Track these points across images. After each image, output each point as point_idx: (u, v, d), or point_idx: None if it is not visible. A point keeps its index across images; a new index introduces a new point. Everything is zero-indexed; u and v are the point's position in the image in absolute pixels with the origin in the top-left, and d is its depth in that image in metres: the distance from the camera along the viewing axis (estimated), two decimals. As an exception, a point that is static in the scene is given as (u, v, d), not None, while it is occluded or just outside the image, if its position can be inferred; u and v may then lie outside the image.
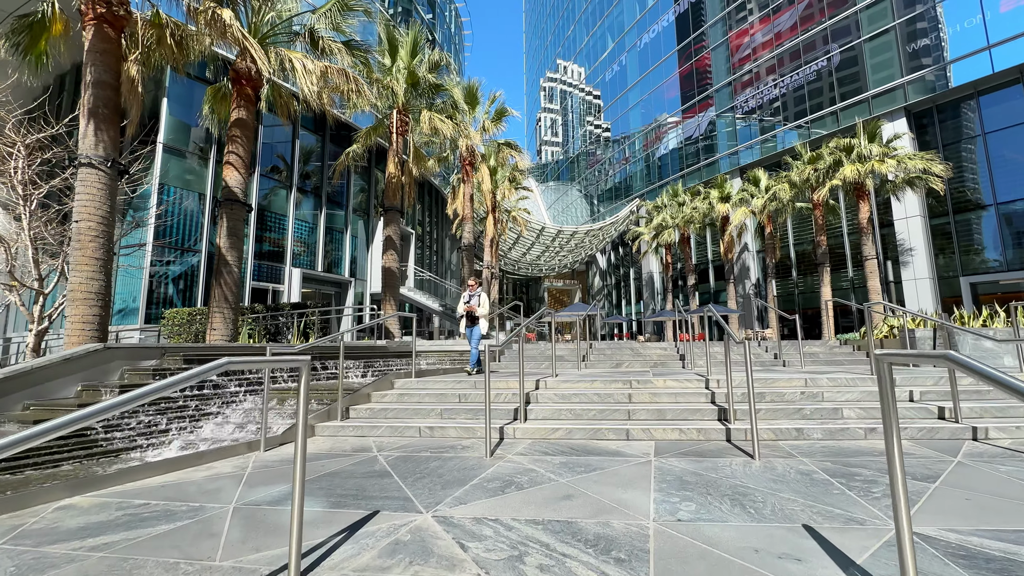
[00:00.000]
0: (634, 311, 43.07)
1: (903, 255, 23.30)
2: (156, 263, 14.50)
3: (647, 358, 9.06)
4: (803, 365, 7.76)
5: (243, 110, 10.68)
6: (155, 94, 15.48)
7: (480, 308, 7.21)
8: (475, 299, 7.28)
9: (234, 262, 10.11)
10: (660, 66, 39.27)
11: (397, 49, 14.55)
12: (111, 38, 8.41)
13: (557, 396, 5.32)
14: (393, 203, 14.90)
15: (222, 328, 9.68)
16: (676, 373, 6.75)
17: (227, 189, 10.31)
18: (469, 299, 7.31)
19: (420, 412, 5.14)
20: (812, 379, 5.54)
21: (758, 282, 30.72)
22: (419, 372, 6.86)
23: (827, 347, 9.52)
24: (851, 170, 20.34)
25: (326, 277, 20.02)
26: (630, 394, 5.23)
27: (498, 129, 18.78)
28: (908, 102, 23.32)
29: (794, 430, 4.27)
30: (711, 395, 5.15)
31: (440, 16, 32.31)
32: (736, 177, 31.61)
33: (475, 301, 7.26)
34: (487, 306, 7.29)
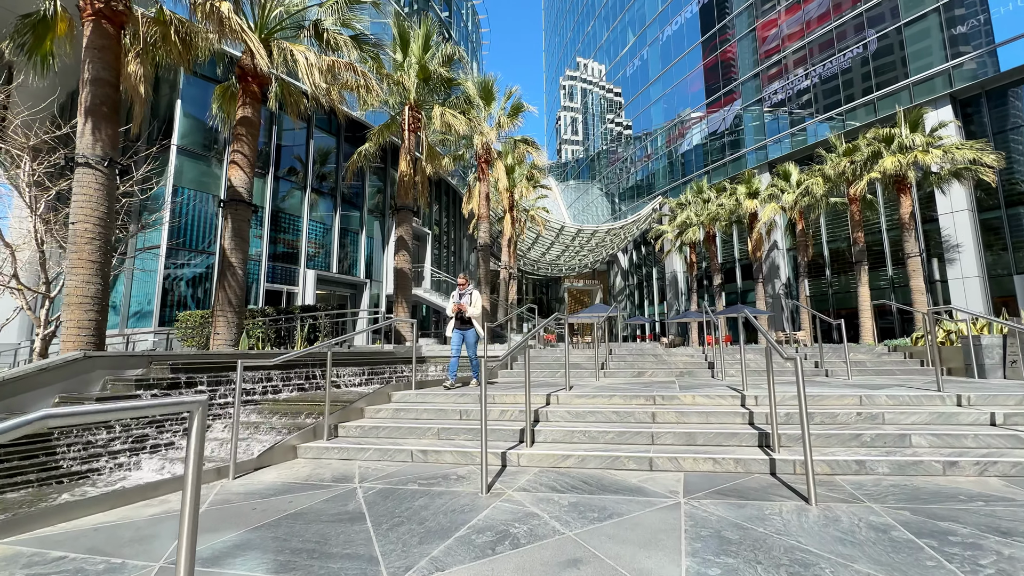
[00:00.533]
0: (657, 312, 41.89)
1: (949, 252, 21.78)
2: (171, 265, 14.43)
3: (672, 366, 8.33)
4: (850, 376, 6.93)
5: (249, 108, 10.36)
6: (169, 96, 15.46)
7: (472, 308, 6.48)
8: (467, 298, 6.54)
9: (239, 264, 9.79)
10: (683, 59, 38.07)
11: (408, 43, 14.11)
12: (110, 34, 8.15)
13: (570, 414, 4.70)
14: (405, 202, 14.47)
15: (226, 333, 9.37)
16: (706, 386, 6.04)
17: (232, 189, 10.00)
18: (460, 297, 6.56)
19: (415, 431, 4.59)
20: (868, 396, 4.77)
21: (788, 281, 29.33)
22: (421, 383, 6.32)
23: (874, 354, 8.61)
24: (892, 162, 19.03)
25: (341, 279, 19.78)
26: (654, 413, 4.57)
27: (514, 125, 18.19)
28: (953, 88, 21.79)
29: (853, 463, 3.55)
30: (749, 415, 4.45)
31: (456, 14, 31.94)
32: (764, 172, 30.28)
33: (467, 300, 6.53)
34: (479, 306, 6.56)
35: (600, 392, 5.34)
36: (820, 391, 5.08)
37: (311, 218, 18.86)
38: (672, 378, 7.50)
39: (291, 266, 17.92)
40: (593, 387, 6.04)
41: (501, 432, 4.38)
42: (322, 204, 19.64)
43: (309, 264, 18.44)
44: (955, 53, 21.93)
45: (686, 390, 5.38)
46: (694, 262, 32.50)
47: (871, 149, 20.47)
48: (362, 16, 11.73)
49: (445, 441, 4.42)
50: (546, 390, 5.70)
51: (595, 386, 6.20)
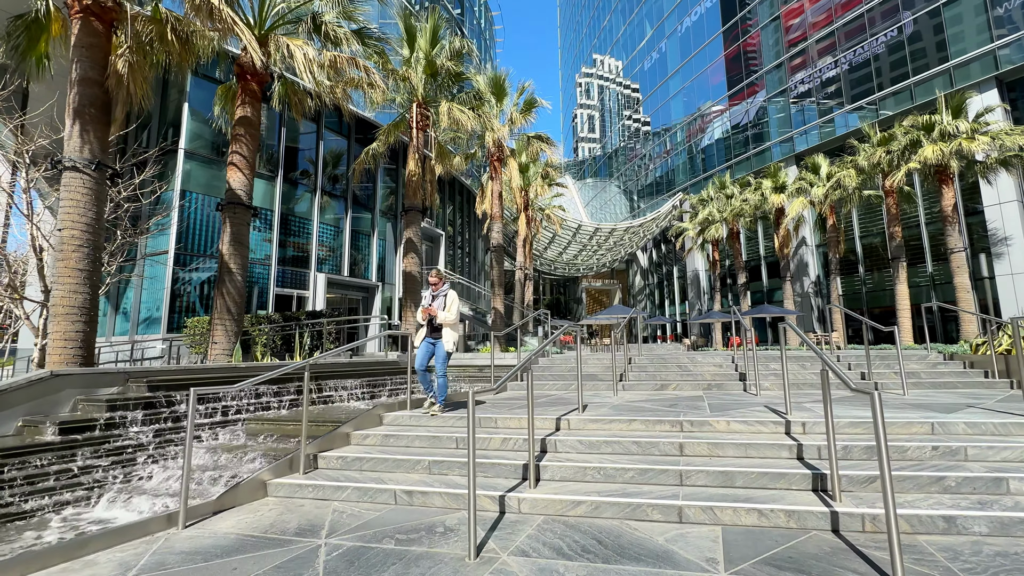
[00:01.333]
0: (678, 312, 40.70)
1: (996, 246, 20.30)
2: (179, 270, 14.23)
3: (698, 376, 7.57)
4: (906, 391, 6.08)
5: (248, 107, 9.96)
6: (178, 100, 15.28)
7: (444, 313, 5.14)
8: (439, 300, 5.26)
9: (238, 270, 9.40)
10: (703, 50, 36.83)
11: (415, 38, 13.59)
12: (99, 32, 7.81)
13: (582, 444, 4.04)
14: (414, 203, 13.97)
15: (224, 342, 8.97)
16: (739, 404, 5.30)
17: (230, 191, 9.62)
18: (432, 299, 5.27)
19: (404, 464, 3.99)
20: (941, 423, 3.99)
21: (818, 279, 27.97)
22: (417, 401, 5.73)
23: (927, 363, 7.69)
24: (933, 150, 17.75)
25: (352, 282, 19.44)
26: (681, 444, 3.88)
27: (527, 121, 17.54)
28: (1000, 70, 20.28)
29: (940, 519, 2.80)
30: (797, 447, 3.72)
31: (468, 11, 31.43)
32: (791, 165, 28.95)
33: (439, 303, 5.25)
34: (455, 311, 5.21)
35: (618, 415, 4.67)
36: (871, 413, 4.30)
37: (322, 221, 18.54)
38: (699, 392, 6.76)
39: (301, 270, 17.63)
40: (610, 406, 5.36)
41: (501, 468, 3.75)
42: (333, 206, 19.33)
43: (320, 268, 18.13)
44: (1000, 34, 20.42)
45: (718, 412, 4.67)
46: (717, 260, 31.31)
47: (909, 138, 19.17)
48: (365, 7, 11.25)
49: (436, 477, 3.81)
50: (556, 411, 5.05)
51: (612, 405, 5.52)
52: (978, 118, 18.40)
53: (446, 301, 5.26)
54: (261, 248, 16.32)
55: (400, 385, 8.06)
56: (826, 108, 27.75)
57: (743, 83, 33.37)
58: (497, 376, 7.94)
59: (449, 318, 5.17)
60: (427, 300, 5.32)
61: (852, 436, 3.93)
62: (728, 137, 35.09)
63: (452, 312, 5.21)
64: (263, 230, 16.44)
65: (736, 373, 7.50)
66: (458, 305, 5.32)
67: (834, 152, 26.01)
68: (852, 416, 4.23)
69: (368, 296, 20.51)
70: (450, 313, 5.19)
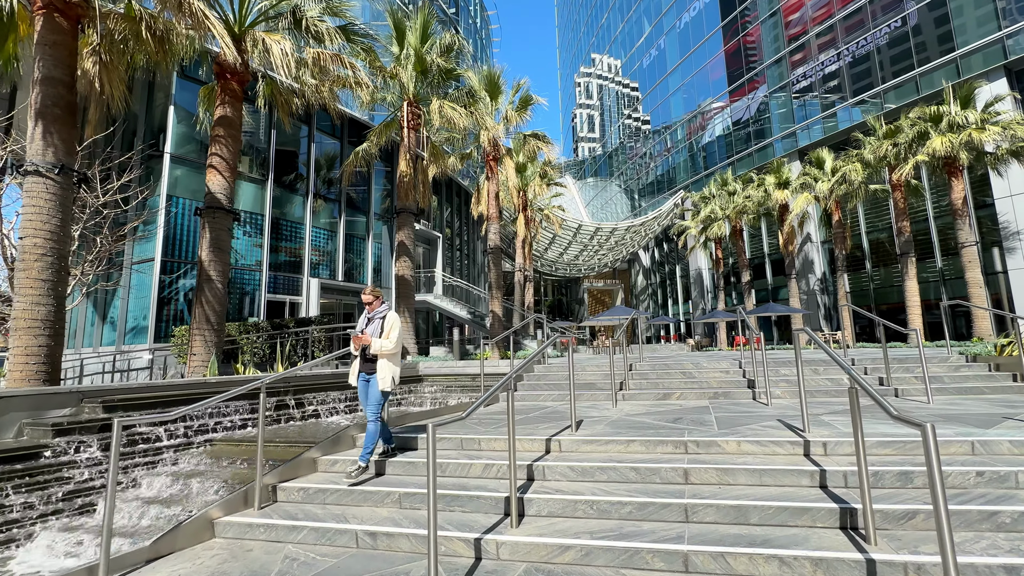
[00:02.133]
0: (681, 311, 40.14)
1: (1008, 240, 19.72)
2: (166, 278, 13.83)
3: (703, 383, 7.09)
4: (931, 399, 5.59)
5: (228, 107, 9.55)
6: (164, 103, 14.90)
7: (382, 341, 4.12)
8: (375, 325, 4.25)
9: (218, 277, 8.97)
10: (703, 46, 36.33)
11: (405, 34, 13.16)
12: (63, 29, 7.38)
13: (574, 471, 3.57)
14: (406, 205, 13.53)
15: (203, 353, 8.53)
16: (749, 418, 4.82)
17: (209, 195, 9.20)
18: (367, 323, 4.33)
19: (372, 497, 3.53)
20: (982, 442, 3.50)
21: (824, 276, 27.41)
22: (400, 416, 5.27)
23: (949, 366, 7.18)
24: (942, 142, 17.21)
25: (347, 287, 19.02)
26: (686, 470, 3.40)
27: (523, 119, 17.06)
28: (1010, 59, 19.70)
29: (1000, 569, 2.32)
30: (819, 474, 3.24)
31: (463, 10, 31.03)
32: (794, 161, 28.41)
33: (374, 328, 4.23)
34: (395, 337, 4.19)
35: (615, 433, 4.20)
36: (906, 431, 3.83)
37: (315, 224, 18.14)
38: (705, 402, 6.28)
39: (294, 275, 17.22)
40: (607, 422, 4.89)
41: (481, 502, 3.29)
42: (326, 209, 18.92)
43: (313, 272, 17.72)
44: (1009, 21, 19.87)
45: (726, 430, 4.19)
46: (720, 258, 30.77)
47: (916, 130, 18.64)
48: (351, 2, 10.83)
49: (408, 513, 3.34)
50: (547, 429, 4.59)
51: (610, 420, 5.05)
52: (987, 108, 17.87)
53: (384, 325, 4.22)
54: (251, 253, 15.92)
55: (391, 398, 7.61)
56: (828, 102, 27.22)
57: (744, 78, 32.86)
58: (488, 386, 7.48)
59: (387, 347, 4.12)
60: (361, 324, 4.35)
61: (882, 459, 3.45)
62: (729, 133, 34.58)
63: (391, 339, 4.15)
64: (253, 235, 16.04)
65: (744, 380, 7.01)
66: (399, 331, 4.27)
67: (838, 147, 25.47)
68: (879, 434, 3.75)
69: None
70: (388, 341, 4.14)
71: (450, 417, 2.51)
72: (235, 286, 15.43)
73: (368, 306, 4.37)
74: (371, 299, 4.35)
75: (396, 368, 4.21)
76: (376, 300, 4.36)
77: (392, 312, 4.34)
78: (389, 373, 4.13)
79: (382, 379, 4.10)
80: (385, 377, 4.11)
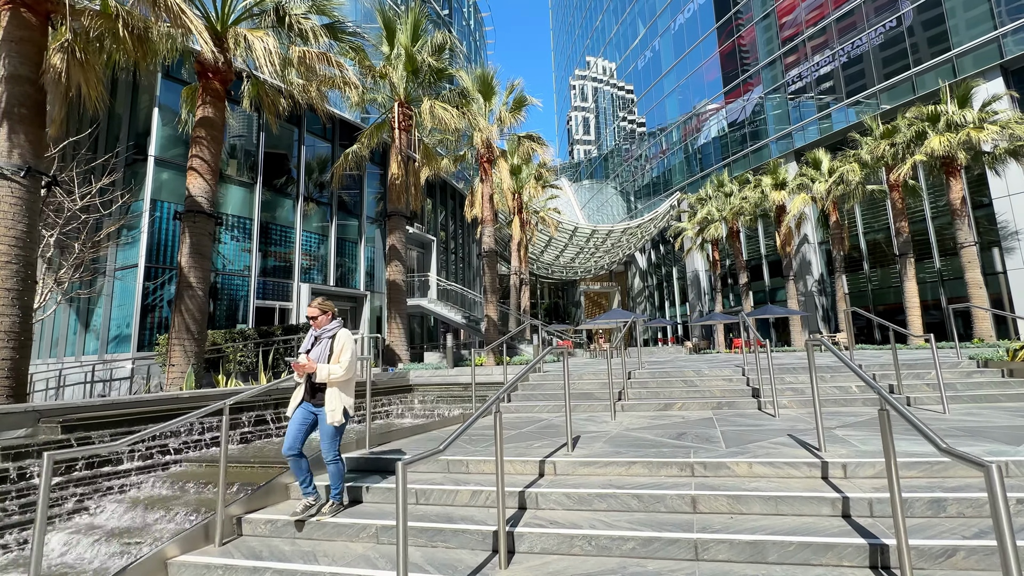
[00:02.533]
0: (679, 313, 39.93)
1: (1007, 240, 19.59)
2: (150, 285, 13.41)
3: (706, 392, 6.79)
4: (946, 408, 5.29)
5: (210, 107, 9.21)
6: (148, 105, 14.51)
7: (331, 366, 3.42)
8: (322, 346, 3.53)
9: (198, 283, 8.61)
10: (698, 47, 36.26)
11: (395, 33, 12.87)
12: (31, 25, 7.04)
13: (570, 498, 3.24)
14: (398, 207, 13.20)
15: (182, 364, 8.15)
16: (758, 431, 4.51)
17: (190, 198, 8.84)
18: (312, 343, 3.59)
19: (347, 530, 3.19)
20: (1017, 462, 3.19)
21: (821, 278, 27.25)
22: (385, 431, 4.92)
23: (960, 371, 6.90)
24: (940, 141, 17.07)
25: (339, 292, 18.63)
26: (694, 498, 3.08)
27: (516, 120, 16.79)
28: (1006, 58, 19.62)
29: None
30: (841, 501, 2.93)
31: (457, 11, 30.80)
32: (790, 162, 28.29)
33: (320, 350, 3.51)
34: (347, 360, 3.46)
35: (615, 453, 3.87)
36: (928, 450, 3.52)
37: (305, 228, 17.76)
38: (708, 412, 5.96)
39: (284, 280, 16.83)
40: (606, 438, 4.57)
41: (466, 536, 2.95)
42: (317, 213, 18.55)
43: (304, 278, 17.32)
44: (1004, 20, 19.79)
45: (735, 448, 3.87)
46: (717, 260, 30.57)
47: (914, 129, 18.52)
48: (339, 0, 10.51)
49: (385, 549, 3.00)
50: (541, 447, 4.26)
51: (609, 436, 4.72)
52: (985, 107, 17.74)
53: (333, 346, 3.50)
54: (240, 259, 15.53)
55: (376, 410, 7.26)
56: (824, 103, 27.13)
57: (739, 79, 32.78)
58: (480, 396, 7.14)
59: (337, 373, 3.39)
60: (305, 344, 3.60)
61: (908, 482, 3.13)
62: (725, 135, 34.48)
63: (343, 363, 3.42)
64: (242, 240, 15.65)
65: (748, 388, 6.71)
66: (353, 352, 3.52)
67: (835, 147, 25.35)
68: (902, 452, 3.44)
69: (356, 306, 19.71)
70: (339, 366, 3.41)
71: (423, 454, 2.17)
72: (223, 292, 15.03)
73: (313, 322, 3.61)
74: (317, 314, 3.62)
75: (349, 398, 3.49)
76: (324, 315, 3.62)
77: (344, 330, 3.62)
78: (340, 404, 3.39)
79: (331, 412, 3.37)
80: (336, 410, 3.37)
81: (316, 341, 3.58)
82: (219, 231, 15.19)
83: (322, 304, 3.65)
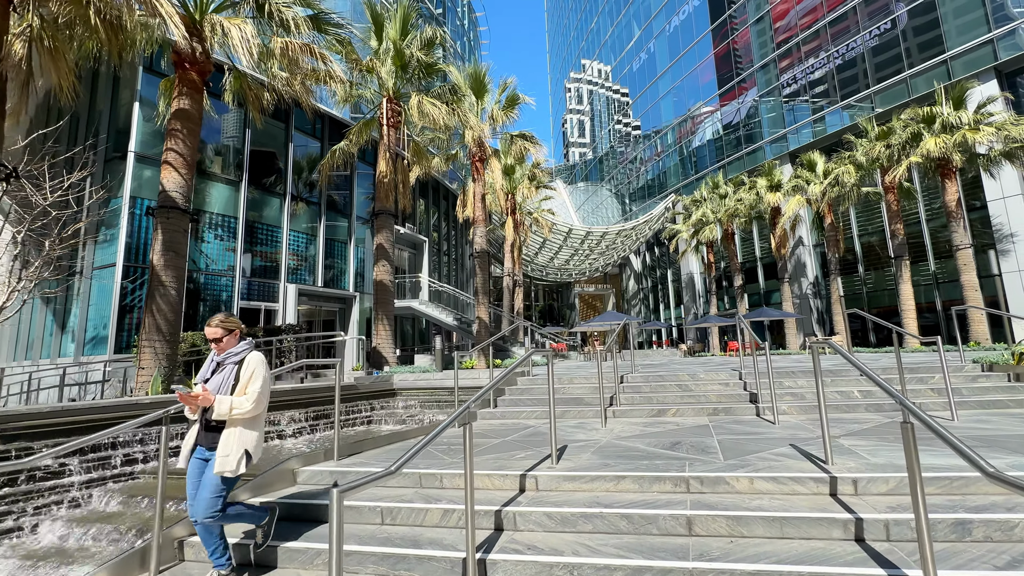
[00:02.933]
0: (673, 316, 39.74)
1: (1001, 242, 19.49)
2: (128, 284, 12.96)
3: (701, 397, 6.48)
4: (955, 415, 5.01)
5: (187, 99, 8.83)
6: (129, 100, 14.09)
7: (234, 399, 2.69)
8: (225, 373, 2.79)
9: (172, 283, 8.21)
10: (692, 49, 36.19)
11: (383, 27, 12.54)
12: (-13, 8, 6.67)
13: (552, 519, 2.90)
14: (385, 206, 12.85)
15: (153, 367, 7.75)
16: (757, 441, 4.19)
17: (163, 194, 8.45)
18: (211, 373, 2.84)
19: (299, 556, 2.83)
20: (1045, 478, 2.89)
21: (816, 280, 27.11)
22: (359, 440, 4.57)
23: (965, 376, 6.64)
24: (936, 143, 16.95)
25: (328, 293, 18.23)
26: (690, 519, 2.75)
27: (509, 119, 16.48)
28: (999, 60, 19.57)
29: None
30: (854, 523, 2.61)
31: (451, 10, 30.53)
32: (785, 164, 28.18)
33: (223, 379, 2.78)
34: (257, 392, 2.72)
35: (603, 466, 3.54)
36: (945, 463, 3.22)
37: (293, 228, 17.35)
38: (704, 419, 5.65)
39: (270, 281, 16.41)
40: (594, 448, 4.24)
41: (432, 564, 2.60)
42: (305, 212, 18.15)
43: (291, 278, 16.91)
44: (999, 22, 19.75)
45: (734, 460, 3.55)
46: (712, 262, 30.40)
47: (909, 131, 18.40)
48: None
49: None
50: (524, 458, 3.92)
51: (598, 445, 4.39)
52: (980, 109, 17.65)
53: (239, 373, 2.75)
54: (224, 258, 15.11)
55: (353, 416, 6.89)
56: (818, 106, 27.05)
57: (733, 81, 32.71)
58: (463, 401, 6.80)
59: (243, 408, 2.64)
60: (203, 372, 2.84)
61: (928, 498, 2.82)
62: (720, 137, 34.38)
63: (250, 395, 2.68)
64: (226, 239, 15.23)
65: (746, 393, 6.40)
66: (265, 380, 2.77)
67: (829, 149, 25.25)
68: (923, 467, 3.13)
69: (345, 308, 19.30)
70: (246, 398, 2.67)
71: (373, 475, 1.83)
72: (206, 292, 14.60)
73: (215, 345, 2.80)
74: (220, 334, 2.79)
75: (252, 437, 2.69)
76: (229, 335, 2.82)
77: (255, 354, 2.84)
78: (237, 449, 2.61)
79: (223, 459, 2.57)
80: (229, 456, 2.57)
81: (218, 367, 2.81)
82: (203, 230, 14.79)
83: (225, 321, 2.84)
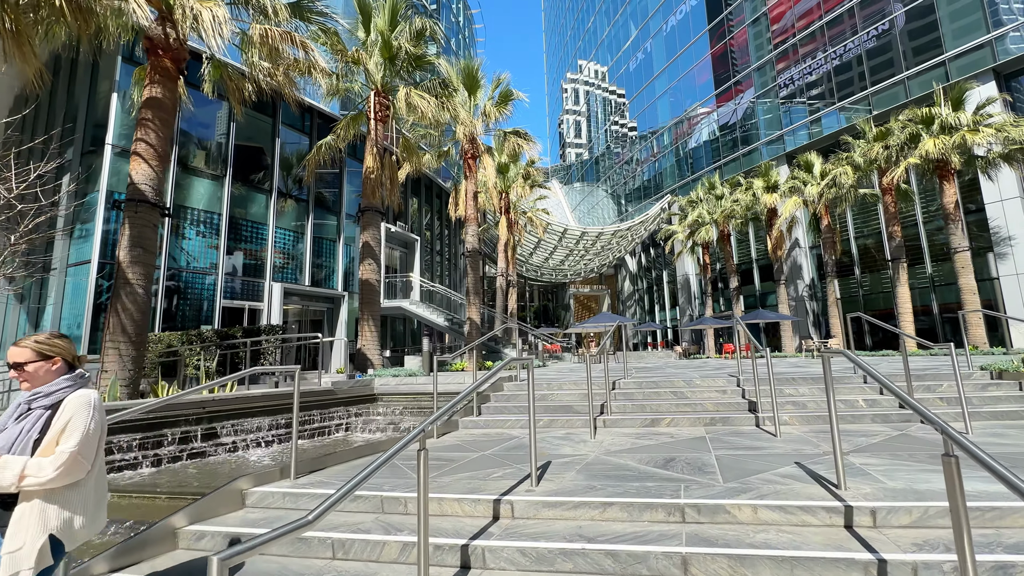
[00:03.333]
0: (668, 317, 39.48)
1: (999, 245, 19.29)
2: (103, 282, 12.48)
3: (697, 405, 6.11)
4: (969, 426, 4.66)
5: (158, 87, 8.38)
6: (107, 93, 13.59)
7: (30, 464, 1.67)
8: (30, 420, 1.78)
9: (139, 280, 7.75)
10: (689, 49, 35.94)
11: (371, 17, 12.12)
12: (-61, -15, 6.21)
13: (527, 556, 2.51)
14: (372, 203, 12.42)
15: (117, 369, 7.30)
16: (760, 458, 3.82)
17: (132, 187, 8.00)
18: (15, 418, 1.80)
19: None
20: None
21: (812, 282, 26.89)
22: (324, 454, 4.15)
23: (974, 384, 6.30)
24: (935, 144, 16.70)
25: (315, 292, 17.77)
26: (685, 558, 2.37)
27: (502, 115, 16.12)
28: (998, 62, 19.38)
29: None
30: (876, 566, 2.24)
31: (445, 7, 30.11)
32: (782, 165, 27.94)
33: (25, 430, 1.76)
34: (68, 454, 1.69)
35: (588, 489, 3.15)
36: (970, 488, 2.85)
37: (279, 225, 16.89)
38: (701, 430, 5.28)
39: (255, 279, 15.93)
40: (580, 466, 3.85)
41: (381, 614, 2.20)
42: (293, 210, 17.69)
43: (276, 277, 16.44)
44: (997, 23, 19.56)
45: (735, 483, 3.17)
46: (707, 264, 30.13)
47: (907, 132, 18.15)
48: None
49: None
50: (502, 477, 3.53)
51: (585, 461, 4.01)
52: (979, 110, 17.43)
53: (54, 421, 1.79)
54: (205, 255, 14.63)
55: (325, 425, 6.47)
56: (815, 107, 26.83)
57: (730, 82, 32.47)
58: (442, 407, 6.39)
59: (40, 476, 1.67)
60: (4, 418, 1.84)
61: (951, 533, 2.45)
62: (716, 138, 34.14)
63: (55, 460, 1.70)
64: (208, 235, 14.76)
65: (744, 401, 6.04)
66: (85, 433, 1.76)
67: (827, 150, 25.02)
68: (934, 493, 2.77)
69: (333, 307, 18.84)
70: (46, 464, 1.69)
71: (276, 531, 1.43)
72: (186, 291, 14.12)
73: (19, 374, 1.87)
74: (28, 358, 1.86)
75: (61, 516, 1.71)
76: (41, 363, 1.87)
77: (79, 394, 1.85)
78: (38, 534, 1.66)
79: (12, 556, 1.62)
80: (21, 549, 1.63)
81: (27, 411, 1.82)
82: (184, 226, 14.32)
83: (40, 344, 1.90)
